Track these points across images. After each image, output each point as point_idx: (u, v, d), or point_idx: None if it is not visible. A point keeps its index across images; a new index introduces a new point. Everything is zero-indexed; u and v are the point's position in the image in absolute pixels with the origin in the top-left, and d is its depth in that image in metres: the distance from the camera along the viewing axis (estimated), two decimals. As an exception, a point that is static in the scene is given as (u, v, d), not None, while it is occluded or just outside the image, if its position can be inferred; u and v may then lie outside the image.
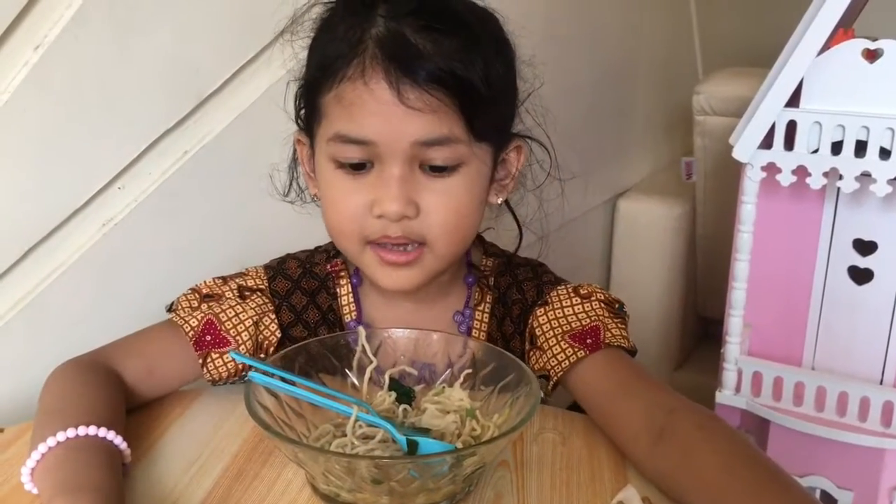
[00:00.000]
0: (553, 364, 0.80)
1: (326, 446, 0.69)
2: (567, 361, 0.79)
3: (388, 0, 0.74)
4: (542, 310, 0.84)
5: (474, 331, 0.87)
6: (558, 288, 0.86)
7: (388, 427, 0.67)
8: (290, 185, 0.88)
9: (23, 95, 0.88)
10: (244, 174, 1.08)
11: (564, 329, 0.82)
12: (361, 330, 0.77)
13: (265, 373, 0.69)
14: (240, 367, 0.82)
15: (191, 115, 1.03)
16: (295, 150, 0.87)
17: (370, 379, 0.75)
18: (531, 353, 0.83)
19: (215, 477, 0.71)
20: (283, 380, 0.70)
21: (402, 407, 0.74)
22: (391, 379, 0.76)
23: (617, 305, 0.85)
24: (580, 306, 0.83)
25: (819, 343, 1.10)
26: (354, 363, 0.76)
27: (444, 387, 0.76)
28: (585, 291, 0.85)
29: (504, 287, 0.88)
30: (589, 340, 0.80)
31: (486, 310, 0.88)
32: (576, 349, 0.79)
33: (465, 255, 0.86)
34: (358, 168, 0.76)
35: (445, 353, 0.77)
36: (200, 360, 0.81)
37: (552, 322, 0.83)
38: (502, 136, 0.81)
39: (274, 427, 0.65)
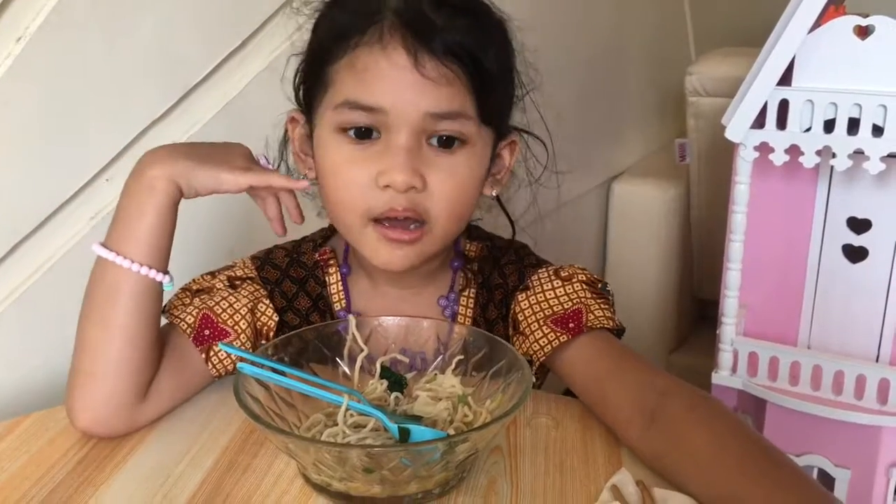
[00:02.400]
0: (535, 349, 0.79)
1: (318, 436, 0.68)
2: (549, 346, 0.79)
3: None
4: (523, 294, 0.84)
5: (459, 316, 0.87)
6: (539, 271, 0.85)
7: (379, 415, 0.67)
8: (279, 164, 0.86)
9: (5, 88, 0.87)
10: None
11: (546, 313, 0.81)
12: (352, 318, 0.76)
13: (255, 363, 0.69)
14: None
15: (177, 105, 1.03)
16: (286, 131, 0.85)
17: (361, 367, 0.75)
18: (514, 338, 0.83)
19: (206, 469, 0.70)
20: (274, 370, 0.69)
21: (393, 395, 0.74)
22: (382, 367, 0.75)
23: (600, 285, 0.84)
24: (561, 289, 0.82)
25: (814, 322, 1.10)
26: (345, 352, 0.76)
27: (435, 374, 0.75)
28: (566, 273, 0.84)
29: (487, 272, 0.88)
30: (571, 324, 0.79)
31: (471, 295, 0.87)
32: (557, 334, 0.79)
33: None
34: (363, 137, 0.75)
35: (436, 339, 0.77)
36: (203, 356, 0.80)
37: (534, 307, 0.82)
38: (503, 124, 0.82)
39: (264, 418, 0.65)
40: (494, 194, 0.85)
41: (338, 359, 0.76)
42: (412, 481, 0.63)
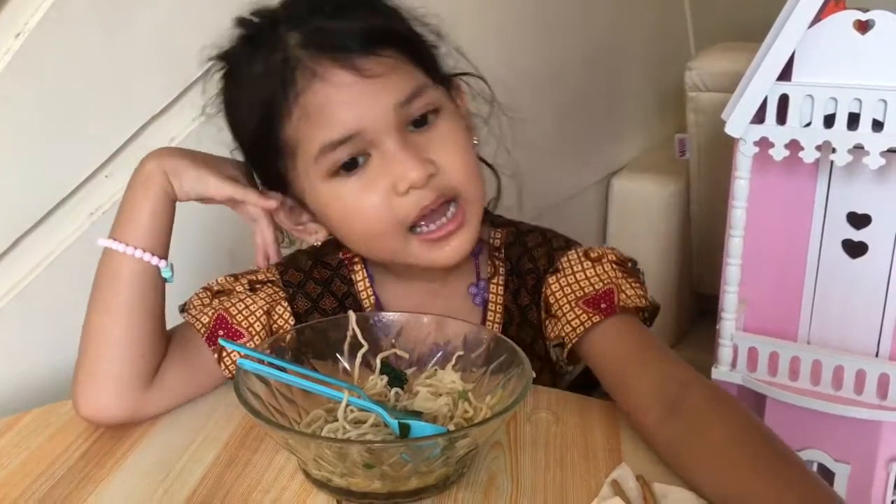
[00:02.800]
0: (567, 331, 0.79)
1: (318, 432, 0.68)
2: (582, 327, 0.78)
3: (286, 15, 0.74)
4: (553, 277, 0.83)
5: (490, 304, 0.86)
6: (569, 253, 0.85)
7: (379, 411, 0.67)
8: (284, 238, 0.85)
9: (5, 84, 0.87)
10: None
11: (578, 295, 0.81)
12: (352, 314, 0.76)
13: (256, 359, 0.69)
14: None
15: (177, 100, 1.02)
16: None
17: (361, 363, 0.75)
18: (546, 321, 0.83)
19: (207, 464, 0.70)
20: (274, 366, 0.69)
21: (393, 390, 0.74)
22: (383, 362, 0.75)
23: (630, 264, 0.85)
24: (592, 270, 0.82)
25: (814, 317, 1.10)
26: (346, 348, 0.76)
27: (435, 369, 0.75)
28: (596, 254, 0.84)
29: (515, 257, 0.87)
30: (603, 305, 0.79)
31: (500, 282, 0.87)
32: (590, 314, 0.79)
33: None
34: (353, 168, 0.74)
35: (437, 335, 0.77)
36: (216, 356, 0.80)
37: (565, 289, 0.82)
38: (444, 77, 0.81)
39: (264, 414, 0.65)
40: (476, 142, 0.83)
41: (338, 354, 0.76)
42: (412, 477, 0.63)
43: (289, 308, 0.84)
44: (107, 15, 0.93)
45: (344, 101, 0.71)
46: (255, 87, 0.75)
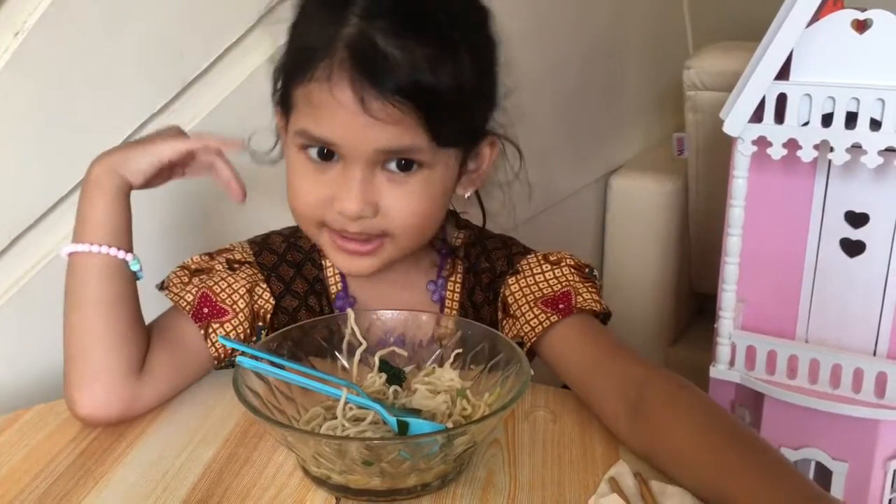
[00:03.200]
0: (527, 330, 0.81)
1: (317, 429, 0.69)
2: (540, 326, 0.80)
3: None
4: (513, 278, 0.86)
5: (447, 300, 0.88)
6: (528, 256, 0.87)
7: (378, 408, 0.67)
8: (276, 144, 0.86)
9: (4, 82, 0.87)
10: (232, 157, 1.07)
11: (536, 295, 0.83)
12: (350, 312, 0.77)
13: (254, 357, 0.69)
14: (242, 336, 0.82)
15: (176, 99, 1.02)
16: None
17: (360, 361, 0.75)
18: (504, 321, 0.85)
19: (206, 462, 0.71)
20: (273, 363, 0.69)
21: (392, 388, 0.74)
22: (381, 360, 0.76)
23: (587, 270, 0.86)
24: (551, 272, 0.85)
25: (812, 316, 1.10)
26: (344, 345, 0.76)
27: (434, 367, 0.76)
28: (555, 258, 0.87)
29: (474, 257, 0.89)
30: (561, 305, 0.81)
31: (458, 279, 0.89)
32: (548, 314, 0.81)
33: (439, 229, 0.86)
34: (325, 158, 0.75)
35: (435, 333, 0.77)
36: (202, 332, 0.81)
37: (524, 289, 0.84)
38: (474, 136, 0.81)
39: (263, 411, 0.65)
40: (467, 196, 0.84)
41: (337, 352, 0.76)
42: (411, 474, 0.63)
43: (268, 289, 0.86)
44: (106, 14, 0.93)
45: (336, 115, 0.72)
46: (306, 34, 0.75)
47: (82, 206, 0.78)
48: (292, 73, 0.76)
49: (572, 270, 0.85)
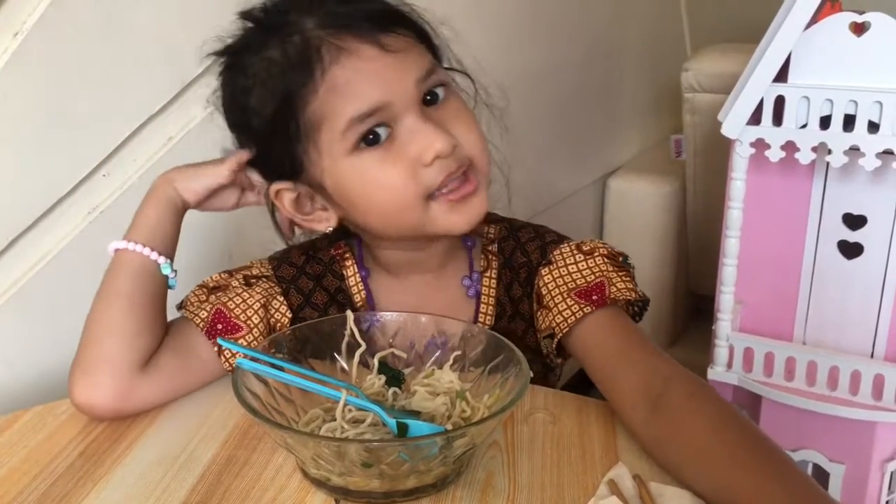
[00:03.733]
0: (559, 321, 0.80)
1: (316, 431, 0.69)
2: (573, 317, 0.79)
3: (294, 3, 0.75)
4: (546, 269, 0.85)
5: (483, 297, 0.87)
6: (561, 246, 0.86)
7: (377, 410, 0.67)
8: (292, 233, 0.86)
9: (3, 83, 0.87)
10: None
11: (570, 286, 0.82)
12: (350, 314, 0.77)
13: (254, 359, 0.69)
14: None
15: (174, 100, 1.02)
16: (272, 208, 0.83)
17: (360, 362, 0.75)
18: (538, 313, 0.84)
19: (205, 463, 0.71)
20: (272, 365, 0.69)
21: (391, 390, 0.74)
22: (380, 362, 0.76)
23: (621, 258, 0.86)
24: (584, 263, 0.84)
25: (810, 318, 1.10)
26: (343, 347, 0.76)
27: (433, 369, 0.75)
28: (588, 248, 0.85)
29: (509, 251, 0.88)
30: (595, 296, 0.80)
31: (493, 275, 0.88)
32: (582, 305, 0.80)
33: None
34: (378, 140, 0.75)
35: (435, 335, 0.77)
36: (216, 349, 0.80)
37: (557, 280, 0.83)
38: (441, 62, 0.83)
39: (262, 413, 0.65)
40: None
41: (336, 354, 0.76)
42: (410, 476, 0.64)
43: (285, 302, 0.85)
44: (105, 15, 0.93)
45: (372, 73, 0.73)
46: (273, 72, 0.75)
47: (138, 211, 0.82)
48: (288, 104, 0.74)
49: (605, 260, 0.84)
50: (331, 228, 0.82)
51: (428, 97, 0.76)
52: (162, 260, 0.80)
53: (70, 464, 0.71)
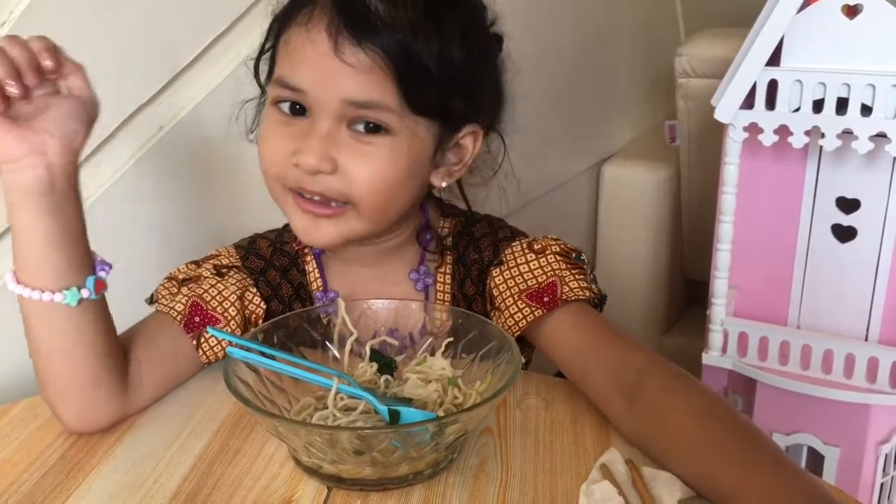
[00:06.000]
0: (510, 324, 0.79)
1: (308, 419, 0.68)
2: (524, 321, 0.79)
3: None
4: (497, 270, 0.83)
5: (438, 293, 0.87)
6: (513, 245, 0.85)
7: (369, 398, 0.67)
8: (255, 122, 0.86)
9: (-10, 73, 0.86)
10: (220, 150, 1.07)
11: (521, 288, 0.81)
12: (341, 302, 0.76)
13: (245, 348, 0.69)
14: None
15: (164, 90, 1.02)
16: (261, 90, 0.85)
17: (351, 351, 0.75)
18: (492, 313, 0.83)
19: (197, 453, 0.70)
20: (263, 354, 0.69)
21: (383, 378, 0.74)
22: (372, 350, 0.75)
23: (574, 255, 0.83)
24: (535, 262, 0.82)
25: (804, 302, 1.10)
26: (335, 335, 0.76)
27: (425, 356, 0.75)
28: (540, 246, 0.84)
29: (462, 247, 0.87)
30: (546, 298, 0.79)
31: (448, 271, 0.87)
32: (532, 308, 0.79)
33: (420, 216, 0.86)
34: (297, 114, 0.75)
35: (426, 322, 0.77)
36: (194, 342, 0.80)
37: (508, 282, 0.82)
38: (452, 117, 0.78)
39: (254, 402, 0.65)
40: (443, 185, 0.82)
41: (327, 342, 0.76)
42: (403, 463, 0.63)
43: (258, 294, 0.85)
44: (94, 4, 0.92)
45: (309, 60, 0.73)
46: None
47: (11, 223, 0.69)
48: (274, 28, 0.77)
49: (558, 258, 0.82)
50: None
51: (368, 125, 0.74)
52: (59, 297, 0.68)
53: (61, 455, 0.71)
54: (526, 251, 0.83)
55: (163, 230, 1.05)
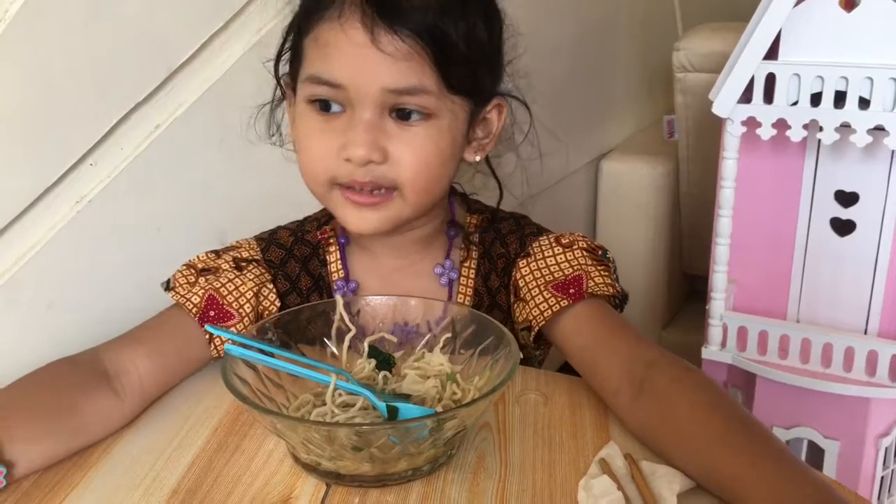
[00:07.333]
0: (535, 314, 0.80)
1: (307, 416, 0.68)
2: (550, 311, 0.79)
3: None
4: (524, 261, 0.84)
5: (461, 287, 0.87)
6: (540, 238, 0.86)
7: (367, 394, 0.67)
8: (270, 124, 0.87)
9: (-14, 72, 0.86)
10: (218, 146, 1.06)
11: (547, 279, 0.82)
12: (339, 298, 0.76)
13: (243, 345, 0.69)
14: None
15: (162, 87, 1.02)
16: (281, 91, 0.86)
17: (349, 347, 0.75)
18: (515, 304, 0.84)
19: (196, 450, 0.70)
20: (262, 351, 0.69)
21: (382, 374, 0.74)
22: (370, 346, 0.75)
23: (600, 252, 0.85)
24: (562, 256, 0.83)
25: (803, 296, 1.10)
26: (333, 332, 0.76)
27: (423, 352, 0.75)
28: (567, 241, 0.85)
29: (488, 242, 0.88)
30: (572, 290, 0.80)
31: (472, 265, 0.88)
32: (559, 299, 0.79)
33: (447, 210, 0.87)
34: (329, 109, 0.76)
35: (425, 318, 0.77)
36: (207, 337, 0.80)
37: (535, 273, 0.83)
38: (482, 93, 0.81)
39: (252, 399, 0.65)
40: (478, 159, 0.84)
41: (326, 339, 0.76)
42: (401, 459, 0.63)
43: (273, 290, 0.85)
44: (89, 1, 0.92)
45: (345, 53, 0.73)
46: None
47: None
48: (300, 24, 0.77)
49: (584, 254, 0.83)
50: None
51: (399, 111, 0.75)
52: None
53: (60, 453, 0.71)
54: (553, 244, 0.85)
55: (161, 228, 1.05)
